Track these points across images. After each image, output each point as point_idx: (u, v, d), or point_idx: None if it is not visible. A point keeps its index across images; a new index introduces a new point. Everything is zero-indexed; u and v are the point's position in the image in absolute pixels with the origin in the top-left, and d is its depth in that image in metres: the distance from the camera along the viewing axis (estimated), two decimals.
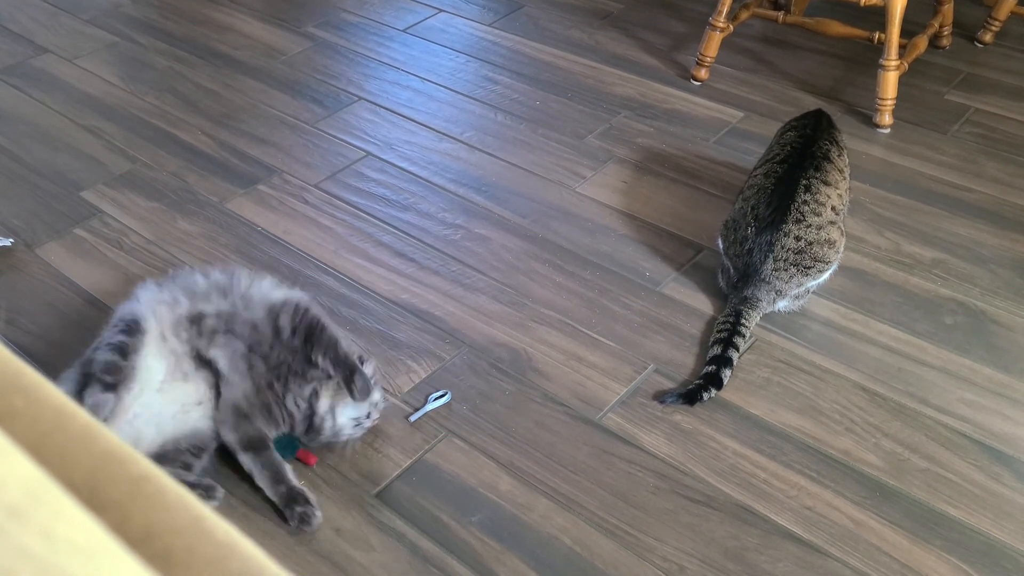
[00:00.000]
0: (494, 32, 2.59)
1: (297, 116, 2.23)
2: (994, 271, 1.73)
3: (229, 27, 2.64)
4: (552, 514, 1.32)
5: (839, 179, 1.64)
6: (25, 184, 2.00)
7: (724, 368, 1.49)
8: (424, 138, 2.15)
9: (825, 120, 1.74)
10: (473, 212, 1.91)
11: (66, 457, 0.46)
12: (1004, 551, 1.27)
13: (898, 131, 2.12)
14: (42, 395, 0.48)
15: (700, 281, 1.72)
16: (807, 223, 1.57)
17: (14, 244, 1.82)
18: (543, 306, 1.67)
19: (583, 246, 1.81)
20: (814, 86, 2.30)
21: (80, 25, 2.65)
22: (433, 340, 1.60)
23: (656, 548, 1.28)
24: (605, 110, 2.23)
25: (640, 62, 2.43)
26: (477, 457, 1.40)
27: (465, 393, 1.50)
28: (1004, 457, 1.39)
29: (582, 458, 1.40)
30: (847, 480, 1.36)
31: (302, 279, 1.73)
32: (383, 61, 2.47)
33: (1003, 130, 2.11)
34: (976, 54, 2.39)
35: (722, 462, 1.39)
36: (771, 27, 2.53)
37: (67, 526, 0.36)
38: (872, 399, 1.49)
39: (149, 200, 1.95)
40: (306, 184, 2.00)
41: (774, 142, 1.75)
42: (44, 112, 2.25)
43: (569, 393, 1.50)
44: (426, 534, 1.29)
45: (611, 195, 1.95)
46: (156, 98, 2.30)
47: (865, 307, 1.65)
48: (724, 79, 2.33)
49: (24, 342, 1.60)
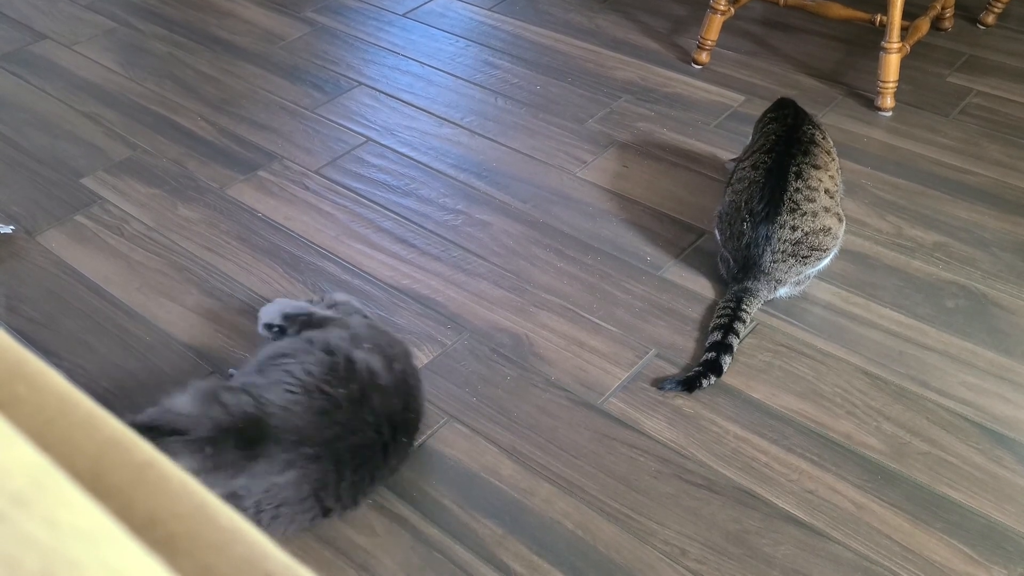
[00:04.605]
0: (494, 16, 2.58)
1: (297, 102, 2.22)
2: (996, 254, 1.73)
3: (228, 12, 2.63)
4: (554, 498, 1.32)
5: (828, 161, 1.64)
6: (25, 171, 1.99)
7: (724, 355, 1.49)
8: (424, 123, 2.14)
9: (800, 108, 1.74)
10: (474, 197, 1.90)
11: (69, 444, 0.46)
12: (1005, 533, 1.27)
13: (900, 114, 2.11)
14: (45, 382, 0.48)
15: (701, 265, 1.72)
16: (802, 211, 1.56)
17: (14, 231, 1.82)
18: (544, 291, 1.67)
19: (584, 231, 1.81)
20: (815, 69, 2.29)
21: (78, 11, 2.64)
22: (434, 326, 1.60)
23: (658, 532, 1.28)
24: (606, 94, 2.22)
25: (641, 46, 2.42)
26: (479, 442, 1.40)
27: (467, 378, 1.50)
28: (1005, 440, 1.39)
29: (584, 443, 1.40)
30: (848, 463, 1.36)
31: (303, 265, 1.73)
32: (383, 46, 2.46)
33: (1005, 112, 2.10)
34: (978, 36, 2.38)
35: (723, 446, 1.39)
36: (772, 9, 2.52)
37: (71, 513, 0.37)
38: (873, 382, 1.49)
39: (149, 187, 1.95)
40: (306, 170, 1.99)
41: (756, 134, 1.74)
42: (43, 99, 2.24)
43: (570, 378, 1.50)
44: (429, 519, 1.30)
45: (612, 180, 1.94)
46: (155, 84, 2.30)
47: (866, 291, 1.65)
48: (725, 62, 2.32)
49: (26, 329, 1.61)
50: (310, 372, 1.25)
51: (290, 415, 1.21)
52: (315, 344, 1.30)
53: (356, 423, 1.23)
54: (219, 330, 1.60)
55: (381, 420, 1.25)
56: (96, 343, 1.58)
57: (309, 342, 1.30)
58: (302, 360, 1.27)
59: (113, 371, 1.53)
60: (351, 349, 1.28)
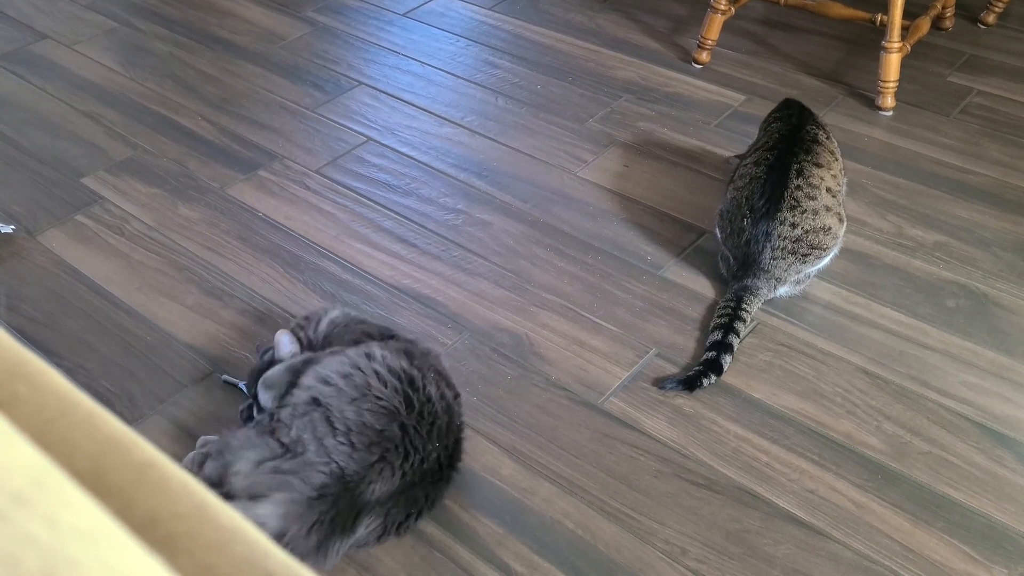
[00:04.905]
0: (494, 16, 2.58)
1: (297, 101, 2.22)
2: (996, 254, 1.73)
3: (228, 12, 2.63)
4: (554, 498, 1.32)
5: (831, 160, 1.64)
6: (26, 171, 1.99)
7: (724, 354, 1.49)
8: (425, 123, 2.14)
9: (806, 108, 1.74)
10: (474, 197, 1.90)
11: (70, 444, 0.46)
12: (1006, 533, 1.27)
13: (900, 113, 2.11)
14: (45, 382, 0.48)
15: (702, 265, 1.72)
16: (802, 208, 1.56)
17: (15, 231, 1.82)
18: (544, 291, 1.67)
19: (584, 230, 1.81)
20: (816, 68, 2.29)
21: (79, 11, 2.64)
22: (435, 325, 1.60)
23: (658, 531, 1.28)
24: (606, 94, 2.22)
25: (641, 45, 2.42)
26: (479, 442, 1.40)
27: (467, 378, 1.50)
28: (1006, 440, 1.39)
29: (584, 442, 1.40)
30: (849, 463, 1.36)
31: (303, 265, 1.73)
32: (383, 46, 2.46)
33: (1006, 112, 2.10)
34: (979, 36, 2.38)
35: (724, 446, 1.39)
36: (773, 9, 2.51)
37: (71, 512, 0.37)
38: (874, 382, 1.49)
39: (150, 186, 1.95)
40: (307, 170, 1.99)
41: (761, 132, 1.75)
42: (44, 98, 2.24)
43: (571, 377, 1.50)
44: (429, 518, 1.29)
45: (612, 179, 1.94)
46: (156, 84, 2.30)
47: (867, 290, 1.65)
48: (726, 62, 2.32)
49: (26, 329, 1.61)
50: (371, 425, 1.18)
51: (376, 476, 1.17)
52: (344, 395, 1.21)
53: (422, 455, 1.21)
54: (220, 330, 1.60)
55: (438, 442, 1.24)
56: (96, 343, 1.58)
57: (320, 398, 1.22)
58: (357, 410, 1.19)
59: (113, 371, 1.53)
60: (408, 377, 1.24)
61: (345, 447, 1.15)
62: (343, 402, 1.18)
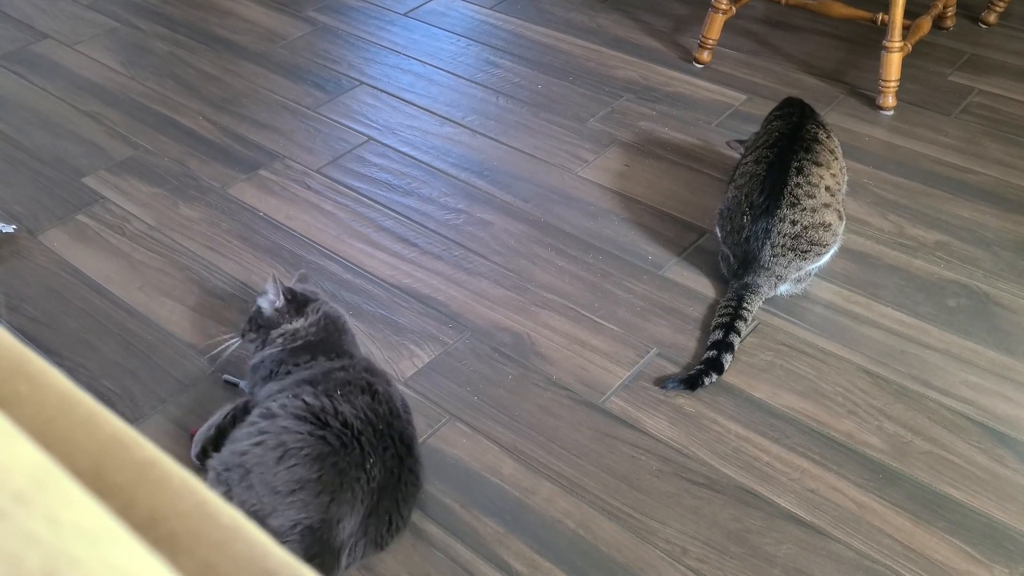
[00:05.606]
0: (495, 15, 2.58)
1: (298, 101, 2.22)
2: (997, 253, 1.72)
3: (229, 11, 2.63)
4: (555, 497, 1.32)
5: (831, 159, 1.64)
6: (27, 170, 2.00)
7: (725, 353, 1.49)
8: (426, 122, 2.14)
9: (807, 106, 1.74)
10: (475, 197, 1.90)
11: (71, 442, 0.46)
12: (1007, 532, 1.27)
13: (901, 113, 2.11)
14: (46, 381, 0.48)
15: (702, 264, 1.72)
16: (801, 206, 1.57)
17: (16, 231, 1.82)
18: (545, 290, 1.67)
19: (585, 230, 1.81)
20: (817, 68, 2.29)
21: (79, 10, 2.64)
22: (436, 325, 1.60)
23: (659, 531, 1.28)
24: (607, 93, 2.22)
25: (642, 45, 2.41)
26: (480, 441, 1.40)
27: (468, 377, 1.50)
28: (1007, 439, 1.39)
29: (585, 442, 1.40)
30: (850, 463, 1.36)
31: (304, 264, 1.73)
32: (384, 45, 2.46)
33: (1007, 111, 2.10)
34: (980, 35, 2.38)
35: (725, 445, 1.39)
36: (774, 8, 2.51)
37: (73, 511, 0.37)
38: (875, 382, 1.49)
39: (151, 186, 1.95)
40: (308, 169, 1.99)
41: (761, 131, 1.75)
42: (45, 98, 2.24)
43: (572, 377, 1.50)
44: (430, 517, 1.30)
45: (613, 179, 1.94)
46: (157, 83, 2.30)
47: (868, 290, 1.65)
48: (727, 61, 2.32)
49: (27, 328, 1.61)
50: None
51: (339, 514, 1.17)
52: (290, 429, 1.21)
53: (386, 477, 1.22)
54: (220, 329, 1.60)
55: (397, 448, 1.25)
56: (97, 342, 1.58)
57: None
58: (306, 451, 1.19)
59: (114, 370, 1.53)
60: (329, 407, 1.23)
61: (297, 504, 1.16)
62: (269, 468, 1.17)
